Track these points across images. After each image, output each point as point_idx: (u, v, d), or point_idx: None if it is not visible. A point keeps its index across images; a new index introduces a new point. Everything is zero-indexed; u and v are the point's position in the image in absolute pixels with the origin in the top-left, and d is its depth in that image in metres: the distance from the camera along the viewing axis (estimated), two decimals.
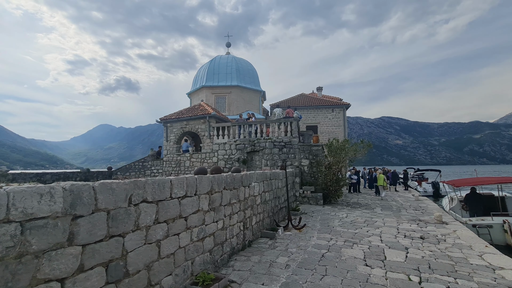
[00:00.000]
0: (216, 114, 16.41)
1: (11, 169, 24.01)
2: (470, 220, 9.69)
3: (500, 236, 9.16)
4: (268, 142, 14.75)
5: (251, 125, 15.51)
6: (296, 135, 14.29)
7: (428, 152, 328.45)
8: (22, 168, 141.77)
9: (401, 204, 13.60)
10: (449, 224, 8.73)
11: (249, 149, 15.19)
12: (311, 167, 13.74)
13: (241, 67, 23.22)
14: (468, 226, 9.45)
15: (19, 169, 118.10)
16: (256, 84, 24.01)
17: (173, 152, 17.60)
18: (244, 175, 6.23)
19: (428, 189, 23.88)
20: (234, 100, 22.16)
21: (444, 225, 8.64)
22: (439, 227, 8.45)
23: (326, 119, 27.35)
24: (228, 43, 25.92)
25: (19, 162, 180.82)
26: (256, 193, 7.07)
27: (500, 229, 9.14)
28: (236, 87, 22.14)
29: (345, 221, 9.26)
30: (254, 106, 23.32)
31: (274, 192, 8.77)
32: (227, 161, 15.77)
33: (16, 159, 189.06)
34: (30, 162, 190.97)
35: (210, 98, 22.38)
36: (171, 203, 3.76)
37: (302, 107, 27.78)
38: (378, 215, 10.49)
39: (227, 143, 15.81)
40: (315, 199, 13.03)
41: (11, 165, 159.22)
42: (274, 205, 8.71)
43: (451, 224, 8.77)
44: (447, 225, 8.63)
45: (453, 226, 8.54)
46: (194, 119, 16.83)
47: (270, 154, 14.67)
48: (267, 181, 8.03)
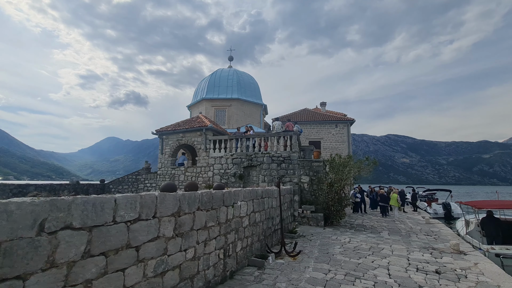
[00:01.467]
0: (213, 126, 15.75)
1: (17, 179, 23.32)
2: (493, 248, 8.49)
3: None
4: (266, 156, 13.90)
5: (249, 138, 14.74)
6: (295, 149, 13.43)
7: (436, 171, 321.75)
8: (28, 179, 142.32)
9: (410, 227, 12.38)
10: (468, 255, 7.57)
11: (246, 163, 14.33)
12: (311, 184, 12.74)
13: (242, 80, 22.83)
14: (490, 255, 8.27)
15: (25, 180, 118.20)
16: (257, 98, 23.51)
17: (168, 166, 16.84)
18: (227, 193, 5.36)
19: (438, 211, 22.43)
20: (234, 113, 21.58)
21: (462, 256, 7.49)
22: (457, 258, 7.31)
23: (330, 135, 26.50)
24: (231, 56, 25.79)
25: (27, 173, 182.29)
26: (243, 214, 6.15)
27: None
28: (237, 100, 21.63)
29: (348, 247, 8.17)
30: (255, 120, 22.69)
31: (266, 213, 7.81)
32: (222, 175, 14.89)
33: (24, 169, 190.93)
34: (37, 172, 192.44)
35: (210, 111, 21.86)
36: (113, 229, 2.91)
37: (305, 122, 27.08)
38: (385, 240, 9.35)
39: (224, 157, 15.00)
40: (315, 220, 11.94)
41: (18, 175, 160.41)
42: (266, 227, 7.72)
43: (471, 254, 7.61)
44: (466, 256, 7.47)
45: (473, 257, 7.38)
46: (190, 131, 16.18)
47: (268, 169, 13.77)
48: (258, 199, 7.12)
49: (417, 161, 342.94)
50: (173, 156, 16.99)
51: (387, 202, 16.75)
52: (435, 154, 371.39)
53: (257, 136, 14.74)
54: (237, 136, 15.04)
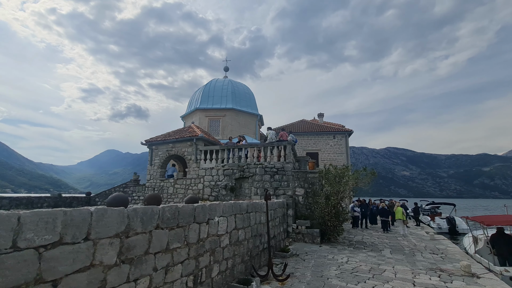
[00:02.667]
0: (204, 136, 15.05)
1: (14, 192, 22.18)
2: (507, 271, 7.57)
3: None
4: (258, 167, 13.11)
5: (241, 149, 14.01)
6: (290, 160, 12.67)
7: (437, 184, 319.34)
8: (25, 192, 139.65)
9: (414, 244, 11.43)
10: (481, 278, 6.67)
11: (238, 175, 13.52)
12: (306, 197, 11.89)
13: (237, 90, 22.37)
14: (505, 278, 7.35)
15: (23, 193, 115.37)
16: (253, 108, 22.98)
17: (157, 177, 15.99)
18: (199, 207, 4.56)
19: (443, 225, 21.35)
20: (228, 124, 20.96)
21: (475, 280, 6.58)
22: (469, 282, 6.40)
23: (328, 146, 25.79)
24: (226, 67, 25.50)
25: (24, 186, 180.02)
26: (222, 232, 5.32)
27: None
28: (231, 110, 21.07)
29: (345, 269, 7.25)
30: (250, 131, 22.06)
31: (253, 229, 6.96)
32: (213, 188, 14.05)
33: (22, 182, 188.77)
34: (35, 185, 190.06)
35: (203, 121, 21.25)
36: (11, 258, 2.12)
37: (302, 133, 26.44)
38: (387, 260, 8.42)
39: (215, 168, 14.21)
40: (311, 236, 11.01)
41: (16, 188, 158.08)
42: (253, 246, 6.85)
43: (485, 277, 6.70)
44: (479, 280, 6.56)
45: (488, 281, 6.47)
46: (180, 141, 15.45)
47: (261, 181, 12.95)
48: (241, 214, 6.29)
49: (418, 174, 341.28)
50: (162, 168, 16.18)
51: (388, 216, 15.83)
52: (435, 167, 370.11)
53: (250, 146, 14.02)
54: (229, 146, 14.31)
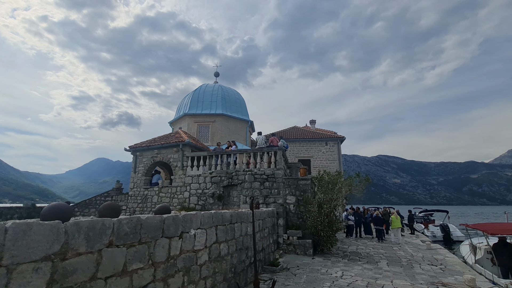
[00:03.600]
0: (191, 142, 14.33)
1: None
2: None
3: None
4: (248, 174, 12.44)
5: (230, 155, 13.35)
6: (280, 166, 12.06)
7: (427, 192, 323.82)
8: (10, 202, 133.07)
9: (411, 254, 10.87)
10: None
11: (226, 182, 12.81)
12: (298, 205, 11.25)
13: (227, 96, 21.81)
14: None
15: (7, 203, 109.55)
16: (244, 114, 22.42)
17: (141, 185, 15.10)
18: (169, 218, 3.87)
19: (437, 233, 20.95)
20: (218, 130, 20.29)
21: None
22: None
23: (320, 153, 25.38)
24: (217, 72, 24.97)
25: (9, 195, 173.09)
26: (200, 246, 4.62)
27: None
28: (221, 116, 20.44)
29: (339, 285, 6.59)
30: (241, 137, 21.43)
31: (238, 242, 6.26)
32: (200, 196, 13.27)
33: (6, 191, 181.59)
34: (20, 195, 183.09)
35: (192, 127, 20.53)
36: None
37: (294, 140, 26.03)
38: (385, 273, 7.80)
39: (202, 175, 13.47)
40: (303, 248, 10.32)
41: None
42: (237, 261, 6.14)
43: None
44: None
45: None
46: (166, 147, 14.69)
47: (250, 188, 12.26)
48: (224, 226, 5.60)
49: (408, 181, 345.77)
50: (147, 175, 15.31)
51: (382, 224, 15.31)
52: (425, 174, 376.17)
53: (239, 152, 13.38)
54: (217, 152, 13.63)
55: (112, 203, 3.40)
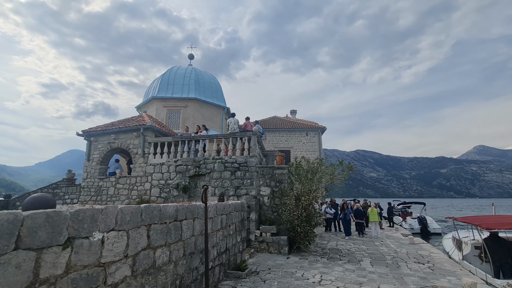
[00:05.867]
0: (154, 125, 12.49)
1: None
2: (510, 285, 6.16)
3: None
4: (217, 163, 10.92)
5: (198, 141, 11.72)
6: (254, 154, 10.64)
7: (400, 185, 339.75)
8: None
9: (394, 250, 9.95)
10: None
11: (193, 172, 11.21)
12: (273, 198, 9.91)
13: (201, 79, 19.93)
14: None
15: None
16: (220, 99, 20.68)
17: (95, 175, 13.10)
18: (39, 216, 2.29)
19: (414, 226, 20.71)
20: (190, 116, 18.45)
21: None
22: None
23: (300, 143, 24.30)
24: (191, 55, 22.85)
25: None
26: (114, 257, 3.07)
27: None
28: (194, 101, 18.58)
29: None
30: (216, 124, 19.75)
31: (188, 245, 4.76)
32: (162, 188, 11.58)
33: None
34: None
35: (161, 112, 18.52)
36: None
37: (274, 130, 24.76)
38: (369, 276, 6.67)
39: (165, 163, 11.76)
40: (277, 246, 9.03)
41: None
42: (186, 269, 4.65)
43: None
44: None
45: None
46: (125, 132, 12.75)
47: (220, 178, 10.77)
48: (163, 224, 4.08)
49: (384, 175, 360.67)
50: (102, 164, 13.30)
51: (363, 218, 14.46)
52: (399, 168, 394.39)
53: (208, 138, 11.78)
54: (183, 138, 11.94)
55: (44, 196, 2.12)
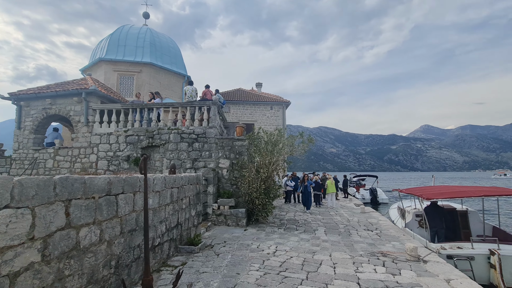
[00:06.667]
0: (99, 90, 10.97)
1: None
2: (444, 248, 6.78)
3: (483, 272, 6.41)
4: (173, 133, 10.09)
5: (152, 109, 10.63)
6: (214, 125, 10.00)
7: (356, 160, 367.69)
8: None
9: (347, 219, 10.50)
10: (429, 262, 5.49)
11: (146, 143, 10.25)
12: (232, 170, 9.56)
13: (158, 42, 17.95)
14: (442, 256, 6.52)
15: None
16: (179, 66, 19.04)
17: (29, 146, 11.38)
18: None
19: (366, 196, 22.47)
20: (145, 82, 16.77)
21: (422, 265, 5.36)
22: (417, 269, 5.10)
23: (264, 117, 24.03)
24: (146, 13, 20.27)
25: None
26: (10, 242, 2.39)
27: (484, 263, 6.39)
28: (149, 66, 16.80)
29: (271, 265, 5.22)
30: (175, 94, 18.33)
31: (128, 222, 4.19)
32: (111, 160, 10.49)
33: None
34: None
35: (111, 77, 16.50)
36: None
37: (238, 102, 24.01)
38: (323, 245, 6.84)
39: (114, 133, 10.57)
40: (235, 218, 8.86)
41: None
42: (125, 248, 4.12)
43: (432, 261, 5.55)
44: (427, 265, 5.36)
45: (435, 266, 5.30)
46: (63, 96, 11.05)
47: (176, 150, 10.03)
48: (91, 199, 3.42)
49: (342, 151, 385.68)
50: (37, 133, 11.55)
51: (320, 189, 15.05)
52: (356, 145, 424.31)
53: (163, 106, 10.74)
54: (134, 106, 10.73)
55: None
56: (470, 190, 7.41)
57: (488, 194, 6.72)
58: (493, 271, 6.22)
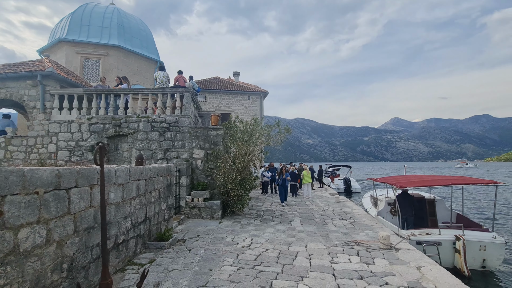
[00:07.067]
0: (57, 73, 9.90)
1: None
2: (414, 235, 7.01)
3: (448, 256, 6.73)
4: (142, 122, 9.41)
5: (119, 95, 9.82)
6: (187, 113, 9.46)
7: (331, 151, 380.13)
8: None
9: (322, 209, 10.61)
10: (401, 250, 5.60)
11: (112, 132, 9.49)
12: (207, 161, 9.16)
13: (127, 24, 16.63)
14: (412, 243, 6.74)
15: None
16: (151, 51, 17.87)
17: None
18: None
19: (340, 186, 23.12)
20: (113, 67, 15.53)
21: (394, 253, 5.45)
22: (390, 257, 5.17)
23: (242, 107, 23.62)
24: None
25: None
26: None
27: (450, 248, 6.70)
28: (117, 49, 15.54)
29: (245, 259, 5.02)
30: (147, 80, 17.23)
31: (84, 219, 3.71)
32: (73, 151, 9.61)
33: None
34: None
35: (74, 60, 15.06)
36: None
37: (215, 91, 23.33)
38: (298, 235, 6.77)
39: (76, 121, 9.65)
40: (209, 211, 8.54)
41: None
42: (81, 249, 3.66)
43: (403, 249, 5.67)
44: (399, 253, 5.46)
45: (407, 253, 5.41)
46: (15, 78, 9.83)
47: (146, 140, 9.39)
48: (33, 194, 2.91)
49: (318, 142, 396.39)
50: None
51: (297, 179, 15.12)
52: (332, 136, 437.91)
53: (131, 92, 9.96)
54: (99, 91, 9.83)
55: None
56: (440, 179, 7.72)
57: (457, 183, 7.02)
58: (458, 255, 6.54)
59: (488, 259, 6.57)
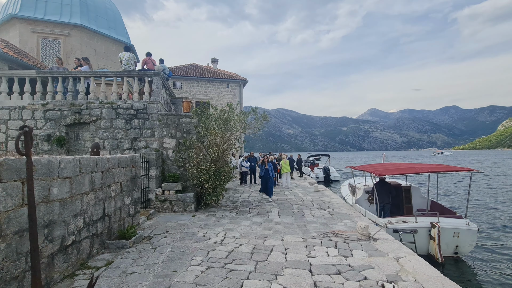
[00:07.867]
0: (3, 51, 8.67)
1: None
2: (390, 223, 6.93)
3: (424, 243, 6.73)
4: (106, 108, 8.53)
5: (79, 78, 8.81)
6: (157, 98, 8.69)
7: (312, 141, 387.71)
8: None
9: (301, 199, 10.40)
10: (379, 240, 5.43)
11: (71, 119, 8.53)
12: (179, 151, 8.52)
13: (91, 1, 15.04)
14: (389, 231, 6.67)
15: None
16: (120, 33, 16.47)
17: None
18: None
19: (319, 175, 23.27)
20: (76, 49, 14.10)
21: (372, 243, 5.26)
22: (368, 248, 4.96)
23: (220, 95, 22.80)
24: None
25: None
26: None
27: (425, 235, 6.69)
28: (80, 28, 14.09)
29: (216, 257, 4.58)
30: (115, 64, 15.89)
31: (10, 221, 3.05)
32: None
33: None
34: None
35: (29, 40, 13.46)
36: None
37: (192, 78, 22.26)
38: (275, 228, 6.44)
39: (28, 107, 8.56)
40: (182, 204, 7.99)
41: None
42: (7, 257, 3.02)
43: (382, 240, 5.50)
44: (377, 243, 5.28)
45: (385, 243, 5.24)
46: None
47: (111, 128, 8.55)
48: None
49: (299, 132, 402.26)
50: None
51: (276, 169, 14.86)
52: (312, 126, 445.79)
53: (93, 75, 8.97)
54: (54, 74, 8.74)
55: None
56: (418, 167, 7.67)
57: (434, 170, 6.98)
58: (432, 242, 6.55)
59: (461, 246, 6.65)
